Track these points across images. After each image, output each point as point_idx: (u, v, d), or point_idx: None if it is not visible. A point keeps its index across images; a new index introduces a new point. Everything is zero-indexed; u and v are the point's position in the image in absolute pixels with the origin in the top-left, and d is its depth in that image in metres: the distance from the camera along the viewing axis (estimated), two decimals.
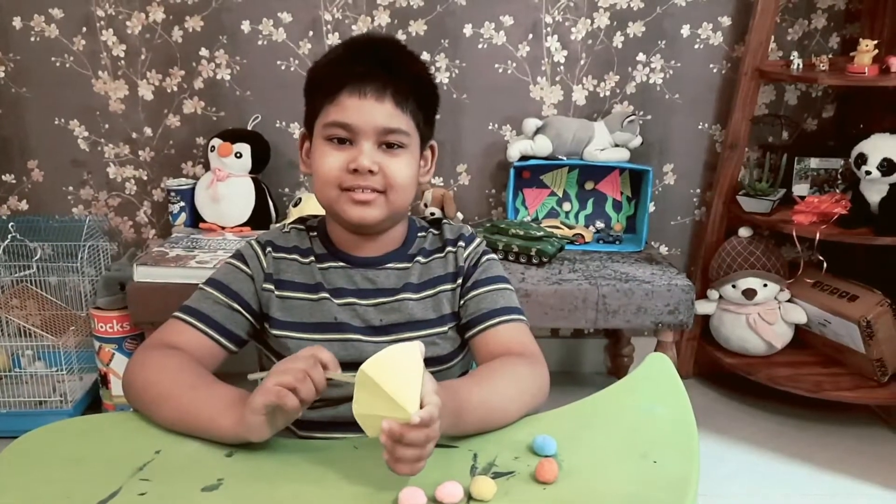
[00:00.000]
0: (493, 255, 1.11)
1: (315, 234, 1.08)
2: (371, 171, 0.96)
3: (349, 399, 0.79)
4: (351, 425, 0.83)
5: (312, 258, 1.06)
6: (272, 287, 1.04)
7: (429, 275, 1.07)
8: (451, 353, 1.06)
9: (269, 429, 0.84)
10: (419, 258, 1.07)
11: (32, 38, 2.06)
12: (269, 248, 1.06)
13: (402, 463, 0.76)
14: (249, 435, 0.84)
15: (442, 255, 1.09)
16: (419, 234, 1.10)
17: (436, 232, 1.11)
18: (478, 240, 1.11)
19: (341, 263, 1.05)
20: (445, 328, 1.05)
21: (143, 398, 0.92)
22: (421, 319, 1.04)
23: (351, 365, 0.83)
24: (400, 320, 1.04)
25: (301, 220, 1.11)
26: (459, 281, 1.07)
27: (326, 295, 1.03)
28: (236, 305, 1.02)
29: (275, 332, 1.04)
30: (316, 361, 0.83)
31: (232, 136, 2.03)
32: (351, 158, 0.97)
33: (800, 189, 2.11)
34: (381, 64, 0.97)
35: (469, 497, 0.76)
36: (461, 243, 1.09)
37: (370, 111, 0.96)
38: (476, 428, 0.89)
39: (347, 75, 0.96)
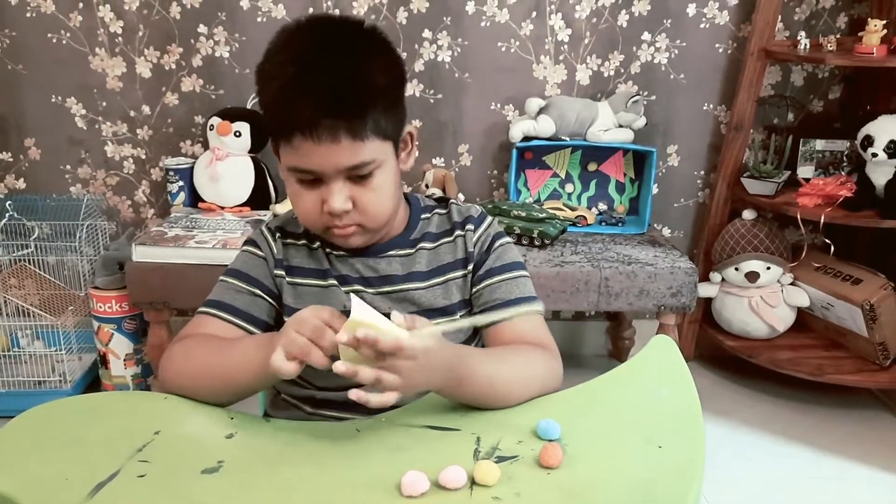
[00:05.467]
0: (507, 238, 1.07)
1: None
2: (345, 211, 0.92)
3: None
4: (361, 405, 0.82)
5: (319, 243, 1.03)
6: (283, 273, 1.03)
7: (437, 261, 1.03)
8: (464, 342, 1.02)
9: (295, 366, 0.82)
10: (424, 244, 1.04)
11: (28, 14, 2.03)
12: (278, 234, 1.04)
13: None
14: (280, 373, 0.82)
15: (451, 238, 1.05)
16: (423, 217, 1.06)
17: (442, 212, 1.07)
18: (488, 220, 1.06)
19: (343, 252, 1.02)
20: (457, 316, 1.03)
21: (185, 377, 0.94)
22: (430, 308, 1.01)
23: None
24: (409, 309, 1.00)
25: None
26: (470, 267, 1.03)
27: (334, 282, 1.01)
28: (257, 291, 1.02)
29: (287, 319, 1.00)
30: (324, 327, 0.82)
31: (231, 114, 2.00)
32: (323, 198, 0.92)
33: (805, 171, 2.10)
34: (330, 96, 0.87)
35: (472, 482, 0.75)
36: (469, 226, 1.04)
37: (328, 155, 0.89)
38: (477, 398, 0.89)
39: (297, 118, 0.87)
